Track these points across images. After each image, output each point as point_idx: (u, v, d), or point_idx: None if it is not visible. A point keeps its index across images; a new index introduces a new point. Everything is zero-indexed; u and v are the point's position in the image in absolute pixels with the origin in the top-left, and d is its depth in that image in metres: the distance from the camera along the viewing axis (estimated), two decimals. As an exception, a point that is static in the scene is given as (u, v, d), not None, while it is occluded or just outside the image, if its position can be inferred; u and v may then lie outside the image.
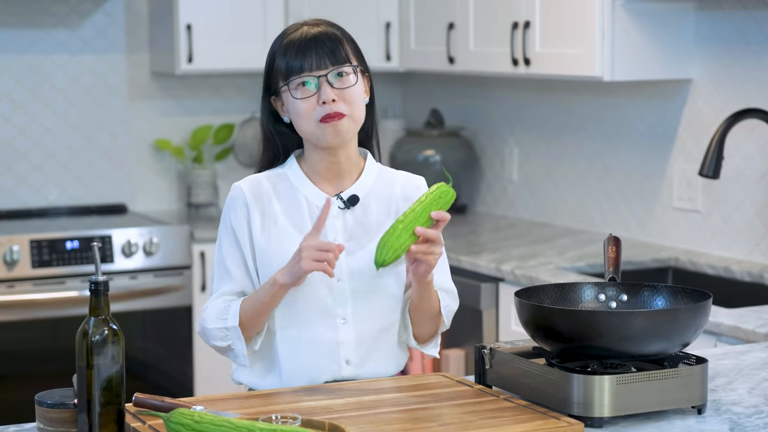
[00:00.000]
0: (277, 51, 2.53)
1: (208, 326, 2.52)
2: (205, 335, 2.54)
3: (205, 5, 5.12)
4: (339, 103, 2.49)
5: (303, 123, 2.52)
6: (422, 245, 2.40)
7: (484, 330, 4.17)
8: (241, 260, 2.55)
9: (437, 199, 2.43)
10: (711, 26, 4.22)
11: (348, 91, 2.51)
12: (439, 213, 2.41)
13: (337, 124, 2.50)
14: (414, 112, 5.78)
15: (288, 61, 2.50)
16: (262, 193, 2.56)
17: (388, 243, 2.38)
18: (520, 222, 5.12)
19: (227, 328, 2.50)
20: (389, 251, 2.38)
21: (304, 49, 2.49)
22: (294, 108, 2.51)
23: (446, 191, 2.45)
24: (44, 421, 2.16)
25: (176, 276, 4.88)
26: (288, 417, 2.03)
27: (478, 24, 4.73)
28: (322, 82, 2.49)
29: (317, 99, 2.49)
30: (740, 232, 4.18)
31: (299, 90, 2.50)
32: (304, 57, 2.49)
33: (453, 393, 2.39)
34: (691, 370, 2.27)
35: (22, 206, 5.26)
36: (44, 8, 5.25)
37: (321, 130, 2.50)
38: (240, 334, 2.49)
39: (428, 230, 2.39)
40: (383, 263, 2.38)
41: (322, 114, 2.49)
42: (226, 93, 5.58)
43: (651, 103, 4.52)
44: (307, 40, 2.50)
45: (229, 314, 2.50)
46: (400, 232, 2.39)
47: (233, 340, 2.50)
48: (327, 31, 2.52)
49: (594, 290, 2.48)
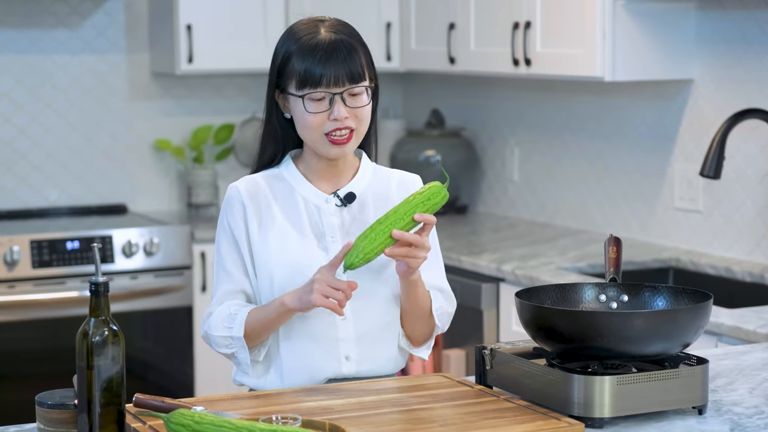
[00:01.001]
0: (294, 52, 2.49)
1: (213, 333, 2.52)
2: (209, 341, 2.55)
3: (206, 5, 5.11)
4: (350, 119, 2.49)
5: (308, 133, 2.51)
6: (400, 249, 2.36)
7: (484, 330, 4.17)
8: (239, 260, 2.55)
9: (426, 200, 2.36)
10: (712, 26, 4.22)
11: (360, 110, 2.50)
12: (423, 216, 2.36)
13: (344, 146, 2.50)
14: (415, 113, 5.78)
15: (307, 68, 2.46)
16: (259, 193, 2.56)
17: (359, 246, 2.33)
18: (521, 222, 5.12)
19: (232, 338, 2.50)
20: (359, 255, 2.33)
21: (325, 60, 2.46)
22: (302, 118, 2.50)
23: (437, 192, 2.37)
24: (44, 421, 2.16)
25: (177, 276, 4.88)
26: (288, 418, 2.03)
27: (479, 24, 4.73)
28: (337, 100, 2.47)
29: (329, 114, 2.48)
30: (741, 233, 4.18)
31: (313, 104, 2.48)
32: (323, 68, 2.45)
33: (453, 393, 2.39)
34: (692, 370, 2.27)
35: (23, 206, 5.26)
36: (44, 8, 5.25)
37: (326, 146, 2.50)
38: (244, 344, 2.50)
39: (407, 234, 2.35)
40: (350, 266, 2.34)
41: (331, 128, 2.48)
42: (226, 93, 5.58)
43: (652, 103, 4.51)
44: (328, 51, 2.46)
45: (234, 324, 2.50)
46: (376, 234, 2.33)
47: (237, 349, 2.51)
48: (345, 42, 2.48)
49: (595, 291, 2.47)
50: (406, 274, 2.45)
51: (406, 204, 2.36)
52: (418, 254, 2.38)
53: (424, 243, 2.38)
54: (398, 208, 2.36)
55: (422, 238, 2.38)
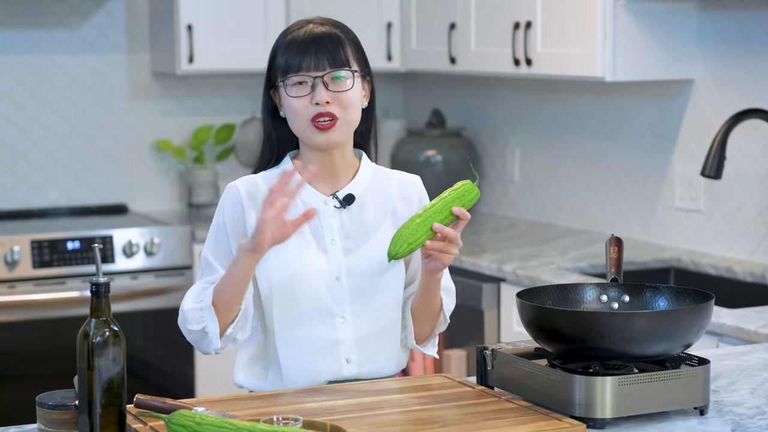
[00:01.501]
0: (280, 46, 2.53)
1: (185, 308, 2.50)
2: (182, 319, 2.50)
3: (206, 5, 5.11)
4: (332, 105, 2.49)
5: (296, 121, 2.52)
6: (438, 243, 2.39)
7: (485, 331, 4.17)
8: (226, 258, 2.53)
9: (460, 196, 2.40)
10: (713, 26, 4.21)
11: (343, 95, 2.50)
12: (461, 210, 2.39)
13: (329, 132, 2.49)
14: (415, 113, 5.78)
15: (287, 58, 2.50)
16: (258, 193, 2.56)
17: (403, 235, 2.36)
18: (522, 222, 5.12)
19: (201, 309, 2.46)
20: (403, 244, 2.36)
21: (305, 48, 2.49)
22: (288, 105, 2.52)
23: (470, 189, 2.42)
24: (45, 422, 2.16)
25: (177, 276, 4.87)
26: (289, 418, 2.03)
27: (480, 24, 4.72)
28: (317, 83, 2.49)
29: (311, 99, 2.49)
30: (742, 233, 4.18)
31: (294, 88, 2.50)
32: (303, 56, 2.49)
33: (454, 394, 2.38)
34: (694, 371, 2.27)
35: (23, 206, 5.26)
36: (45, 8, 5.25)
37: (312, 132, 2.51)
38: (213, 314, 2.46)
39: (446, 228, 2.37)
40: (396, 255, 2.36)
41: (314, 113, 2.49)
42: (227, 93, 5.58)
43: (653, 103, 4.51)
44: (309, 40, 2.50)
45: (204, 296, 2.48)
46: (417, 225, 2.37)
47: (207, 322, 2.46)
48: (330, 32, 2.52)
49: (596, 291, 2.47)
50: (435, 271, 2.46)
51: (441, 199, 2.40)
52: (451, 250, 2.41)
53: (458, 239, 2.40)
54: (435, 203, 2.39)
55: (457, 234, 2.39)
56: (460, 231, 2.41)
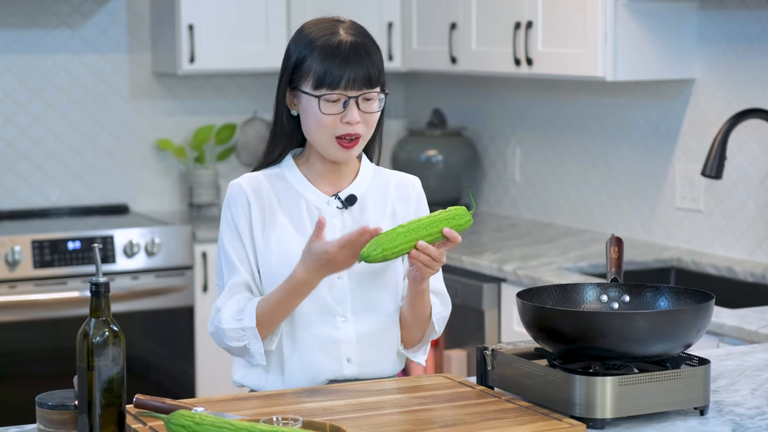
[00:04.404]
0: (314, 51, 2.48)
1: (224, 326, 2.50)
2: (219, 335, 2.51)
3: (207, 5, 5.11)
4: (360, 125, 2.49)
5: (318, 132, 2.50)
6: (421, 254, 2.38)
7: (486, 331, 4.16)
8: (244, 254, 2.54)
9: (450, 218, 2.39)
10: (714, 26, 4.21)
11: (370, 116, 2.52)
12: (452, 232, 2.38)
13: (351, 150, 2.50)
14: (416, 112, 5.78)
15: (327, 69, 2.46)
16: (262, 191, 2.56)
17: (381, 241, 2.35)
18: (523, 222, 5.11)
19: (243, 329, 2.48)
20: (377, 248, 2.35)
21: (345, 62, 2.46)
22: (315, 117, 2.49)
23: (462, 214, 2.41)
24: (45, 422, 2.16)
25: (178, 276, 4.87)
26: (289, 418, 2.03)
27: (481, 24, 4.72)
28: (351, 103, 2.48)
29: (342, 117, 2.48)
30: (743, 232, 4.18)
31: (327, 104, 2.48)
32: (343, 70, 2.46)
33: (455, 394, 2.38)
34: (694, 371, 2.27)
35: (24, 206, 5.26)
36: (46, 8, 5.25)
37: (334, 148, 2.50)
38: (257, 334, 2.48)
39: (430, 247, 2.37)
40: (367, 258, 2.35)
41: (342, 132, 2.48)
42: (228, 93, 5.58)
43: (654, 102, 4.51)
44: (349, 53, 2.47)
45: (245, 314, 2.48)
46: (397, 235, 2.36)
47: (249, 340, 2.48)
48: (366, 46, 2.49)
49: (596, 291, 2.47)
50: (417, 281, 2.47)
51: (430, 217, 2.40)
52: (434, 266, 2.41)
53: (442, 258, 2.41)
54: (422, 220, 2.39)
55: (441, 253, 2.40)
56: (445, 252, 2.41)
